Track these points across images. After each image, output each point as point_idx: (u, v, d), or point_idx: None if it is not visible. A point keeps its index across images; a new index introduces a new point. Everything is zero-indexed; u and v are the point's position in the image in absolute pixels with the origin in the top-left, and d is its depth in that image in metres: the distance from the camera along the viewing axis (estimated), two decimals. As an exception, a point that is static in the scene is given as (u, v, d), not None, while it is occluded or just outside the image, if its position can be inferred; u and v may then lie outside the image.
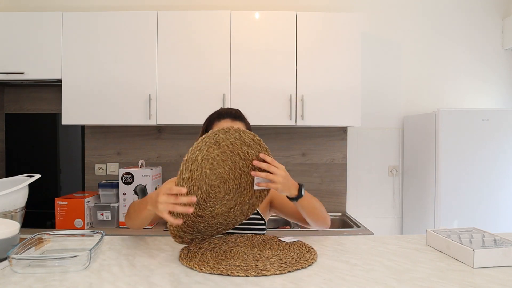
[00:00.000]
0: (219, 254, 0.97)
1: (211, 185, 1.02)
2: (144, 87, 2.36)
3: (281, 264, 0.89)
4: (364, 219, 2.70)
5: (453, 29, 2.78)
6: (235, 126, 1.19)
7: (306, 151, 2.70)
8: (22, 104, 2.73)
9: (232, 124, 1.25)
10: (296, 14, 2.38)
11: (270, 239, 1.12)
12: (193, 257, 0.94)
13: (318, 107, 2.37)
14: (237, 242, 1.09)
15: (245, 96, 2.35)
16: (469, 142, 2.24)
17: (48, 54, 2.36)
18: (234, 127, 1.02)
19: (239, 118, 1.29)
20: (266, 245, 1.06)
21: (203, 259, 0.93)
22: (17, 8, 2.69)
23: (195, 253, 0.97)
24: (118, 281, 0.79)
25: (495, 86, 2.81)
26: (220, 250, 1.02)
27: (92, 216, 2.27)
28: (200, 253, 0.98)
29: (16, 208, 1.07)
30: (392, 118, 2.78)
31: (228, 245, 1.06)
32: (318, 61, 2.38)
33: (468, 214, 2.23)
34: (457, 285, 0.77)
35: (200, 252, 0.99)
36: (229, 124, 1.24)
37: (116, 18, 2.37)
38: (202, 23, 2.37)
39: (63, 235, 1.02)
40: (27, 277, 0.80)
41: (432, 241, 1.04)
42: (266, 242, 1.09)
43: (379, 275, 0.83)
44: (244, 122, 1.31)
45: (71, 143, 2.74)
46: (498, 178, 2.25)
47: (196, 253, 0.97)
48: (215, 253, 0.99)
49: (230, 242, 1.09)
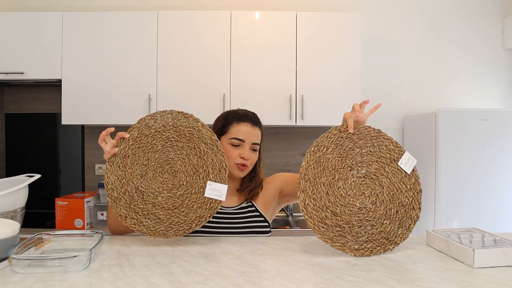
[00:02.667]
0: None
1: (160, 165, 1.06)
2: (144, 87, 2.36)
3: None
4: (364, 219, 2.70)
5: (453, 29, 2.78)
6: (255, 132, 1.22)
7: (306, 151, 2.69)
8: (22, 104, 2.73)
9: (252, 129, 1.23)
10: (296, 14, 2.38)
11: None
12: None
13: (318, 107, 2.37)
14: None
15: (245, 96, 2.35)
16: (469, 142, 2.24)
17: (48, 54, 2.36)
18: (194, 116, 1.08)
19: (257, 123, 1.27)
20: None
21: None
22: (17, 8, 2.69)
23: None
24: (118, 281, 0.79)
25: (495, 86, 2.81)
26: None
27: (92, 216, 2.27)
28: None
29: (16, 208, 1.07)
30: (392, 118, 2.78)
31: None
32: (318, 61, 2.38)
33: (468, 214, 2.23)
34: (457, 285, 0.77)
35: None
36: (249, 129, 1.23)
37: (116, 18, 2.37)
38: (202, 23, 2.37)
39: (63, 235, 1.02)
40: (27, 277, 0.80)
41: (432, 241, 1.04)
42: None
43: (379, 275, 0.83)
44: (261, 129, 1.28)
45: (71, 143, 2.74)
46: (498, 178, 2.25)
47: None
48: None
49: None
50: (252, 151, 1.25)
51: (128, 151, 1.06)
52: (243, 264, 0.90)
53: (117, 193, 1.04)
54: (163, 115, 1.08)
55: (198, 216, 1.04)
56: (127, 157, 1.05)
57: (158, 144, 1.06)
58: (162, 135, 1.06)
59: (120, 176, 1.05)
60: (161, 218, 1.04)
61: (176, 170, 1.06)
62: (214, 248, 1.03)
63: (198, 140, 1.06)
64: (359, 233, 0.95)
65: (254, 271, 0.85)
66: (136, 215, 1.04)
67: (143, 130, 1.06)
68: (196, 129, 1.07)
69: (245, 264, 0.90)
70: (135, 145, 1.06)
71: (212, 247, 1.04)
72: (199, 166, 1.05)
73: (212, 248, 1.04)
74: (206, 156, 1.06)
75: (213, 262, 0.91)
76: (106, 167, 1.05)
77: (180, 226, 1.04)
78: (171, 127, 1.07)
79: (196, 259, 0.94)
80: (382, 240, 0.96)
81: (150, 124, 1.07)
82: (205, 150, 1.06)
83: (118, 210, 1.04)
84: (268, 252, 0.99)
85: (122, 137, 1.06)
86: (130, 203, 1.04)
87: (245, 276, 0.82)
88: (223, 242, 1.10)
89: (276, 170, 2.68)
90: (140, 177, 1.05)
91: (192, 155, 1.06)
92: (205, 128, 1.08)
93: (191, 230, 1.04)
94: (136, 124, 1.07)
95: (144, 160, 1.05)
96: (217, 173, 1.06)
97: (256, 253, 0.99)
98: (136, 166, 1.05)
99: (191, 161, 1.06)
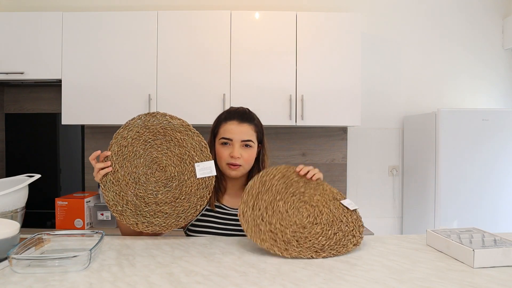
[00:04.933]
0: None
1: (148, 167, 1.10)
2: (144, 87, 2.36)
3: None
4: (364, 219, 2.66)
5: (453, 29, 2.78)
6: (242, 129, 1.22)
7: (306, 151, 2.70)
8: (22, 104, 2.73)
9: (239, 126, 1.22)
10: (296, 14, 2.38)
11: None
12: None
13: (318, 107, 2.37)
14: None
15: (245, 96, 2.35)
16: (469, 142, 2.24)
17: (48, 54, 2.36)
18: (160, 112, 1.13)
19: (246, 119, 1.24)
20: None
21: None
22: (17, 8, 2.69)
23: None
24: (118, 281, 0.79)
25: (495, 86, 2.81)
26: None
27: (92, 216, 2.27)
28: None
29: (16, 208, 1.07)
30: (392, 118, 2.78)
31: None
32: (318, 61, 2.38)
33: (468, 214, 2.23)
34: (457, 285, 0.77)
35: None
36: (236, 126, 1.22)
37: (116, 18, 2.37)
38: (202, 23, 2.37)
39: (63, 235, 1.02)
40: (27, 277, 0.80)
41: (432, 241, 1.04)
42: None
43: (379, 275, 0.83)
44: (253, 124, 1.26)
45: (71, 143, 2.74)
46: (498, 178, 2.25)
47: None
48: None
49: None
50: (245, 148, 1.22)
51: (115, 166, 1.11)
52: (243, 264, 0.90)
53: (120, 206, 1.09)
54: (133, 123, 1.13)
55: (199, 197, 1.11)
56: (117, 172, 1.11)
57: (139, 149, 1.12)
58: (139, 140, 1.12)
59: (117, 190, 1.10)
60: (168, 212, 1.10)
61: (164, 166, 1.12)
62: (214, 248, 1.03)
63: (172, 132, 1.12)
64: (291, 240, 0.99)
65: (254, 271, 0.85)
66: (144, 218, 1.09)
67: (121, 142, 1.12)
68: (166, 123, 1.13)
69: (245, 264, 0.90)
70: (119, 158, 1.11)
71: (212, 247, 1.04)
72: (182, 153, 1.12)
73: (212, 248, 1.03)
74: (184, 142, 1.12)
75: (213, 262, 0.91)
76: (102, 188, 1.11)
77: (188, 212, 1.11)
78: (144, 130, 1.12)
79: (196, 259, 0.94)
80: (312, 248, 0.97)
81: (125, 134, 1.12)
82: (182, 138, 1.12)
83: (127, 220, 1.09)
84: (268, 252, 0.99)
85: (105, 156, 1.11)
86: (135, 211, 1.09)
87: (245, 276, 0.82)
88: (223, 242, 1.10)
89: (276, 170, 2.68)
90: (135, 184, 1.10)
91: (172, 147, 1.12)
92: (174, 119, 1.14)
93: (198, 212, 1.11)
94: (113, 140, 1.12)
95: (132, 168, 1.11)
96: (200, 153, 1.12)
97: (256, 253, 0.99)
98: (128, 176, 1.11)
99: (173, 153, 1.12)
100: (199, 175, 1.10)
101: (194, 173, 1.11)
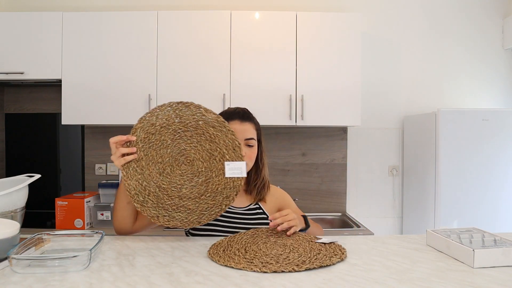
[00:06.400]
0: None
1: (174, 158, 1.06)
2: (144, 87, 2.36)
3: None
4: (364, 219, 2.70)
5: (453, 29, 2.78)
6: (245, 127, 1.21)
7: (306, 151, 2.70)
8: (22, 104, 2.73)
9: (241, 126, 1.23)
10: (296, 14, 2.38)
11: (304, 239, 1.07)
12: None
13: (318, 107, 2.37)
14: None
15: (245, 96, 2.35)
16: (469, 142, 2.24)
17: (48, 54, 2.36)
18: (194, 103, 1.07)
19: (248, 118, 1.27)
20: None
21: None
22: (17, 8, 2.69)
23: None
24: (118, 281, 0.79)
25: (495, 86, 2.80)
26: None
27: (92, 216, 2.27)
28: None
29: (16, 208, 1.07)
30: (392, 118, 2.78)
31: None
32: (318, 61, 2.38)
33: (468, 214, 2.23)
34: (457, 285, 0.77)
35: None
36: (238, 126, 1.23)
37: (116, 18, 2.37)
38: (202, 23, 2.37)
39: (63, 235, 1.02)
40: (27, 277, 0.80)
41: (432, 241, 1.04)
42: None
43: (379, 275, 0.83)
44: (253, 122, 1.29)
45: (71, 143, 2.74)
46: (498, 178, 2.25)
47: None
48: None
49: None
50: (248, 147, 1.24)
51: (140, 153, 1.05)
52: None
53: (142, 196, 1.05)
54: (163, 109, 1.07)
55: (225, 196, 1.07)
56: (141, 159, 1.05)
57: (167, 139, 1.06)
58: (168, 129, 1.06)
59: (140, 179, 1.05)
60: (191, 208, 1.06)
61: (192, 159, 1.07)
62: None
63: (205, 125, 1.07)
64: (269, 261, 0.91)
65: (254, 271, 0.85)
66: (166, 212, 1.06)
67: (148, 129, 1.06)
68: (199, 115, 1.08)
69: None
70: (145, 146, 1.05)
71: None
72: (213, 149, 1.07)
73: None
74: (217, 139, 1.07)
75: (213, 262, 0.91)
76: (123, 174, 1.05)
77: (211, 210, 1.07)
78: (174, 120, 1.07)
79: (196, 259, 0.94)
80: (293, 262, 0.89)
81: (153, 121, 1.06)
82: (215, 133, 1.07)
83: (148, 212, 1.05)
84: (268, 252, 0.99)
85: (129, 141, 1.05)
86: (157, 203, 1.05)
87: (245, 276, 0.82)
88: (223, 242, 1.10)
89: (276, 170, 2.68)
90: (159, 175, 1.06)
91: (203, 141, 1.07)
92: (209, 113, 1.08)
93: (222, 212, 1.08)
94: (139, 125, 1.06)
95: (158, 158, 1.06)
96: (232, 152, 1.07)
97: (256, 253, 0.99)
98: (152, 165, 1.05)
99: (203, 147, 1.07)
100: (228, 175, 1.06)
101: (223, 171, 1.06)
